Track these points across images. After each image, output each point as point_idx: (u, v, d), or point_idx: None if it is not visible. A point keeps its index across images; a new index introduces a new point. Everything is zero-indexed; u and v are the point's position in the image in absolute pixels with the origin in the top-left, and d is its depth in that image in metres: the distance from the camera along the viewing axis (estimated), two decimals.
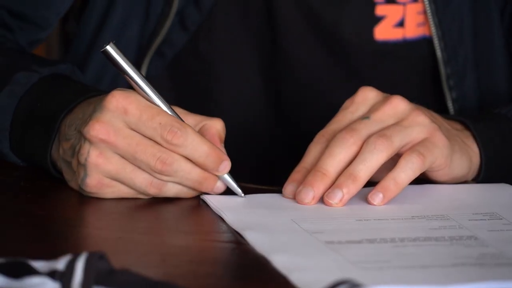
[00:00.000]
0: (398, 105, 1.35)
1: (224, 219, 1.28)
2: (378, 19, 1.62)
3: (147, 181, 1.31)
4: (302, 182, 1.33)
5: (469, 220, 1.32)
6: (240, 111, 1.47)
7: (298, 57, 1.68)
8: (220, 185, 1.33)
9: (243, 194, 1.35)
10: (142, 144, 1.30)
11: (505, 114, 1.53)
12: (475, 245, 1.21)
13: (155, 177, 1.31)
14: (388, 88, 1.53)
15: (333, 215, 1.33)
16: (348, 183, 1.29)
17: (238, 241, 1.22)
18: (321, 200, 1.34)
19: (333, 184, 1.31)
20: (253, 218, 1.29)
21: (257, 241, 1.20)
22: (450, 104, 1.66)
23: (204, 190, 1.32)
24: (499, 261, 1.16)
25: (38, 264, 1.04)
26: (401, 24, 1.62)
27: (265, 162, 1.68)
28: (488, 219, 1.32)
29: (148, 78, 1.48)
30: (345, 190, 1.30)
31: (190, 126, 1.31)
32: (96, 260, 1.02)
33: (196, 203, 1.35)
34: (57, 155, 1.36)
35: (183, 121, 1.31)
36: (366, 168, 1.31)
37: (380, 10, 1.61)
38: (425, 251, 1.20)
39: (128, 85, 1.33)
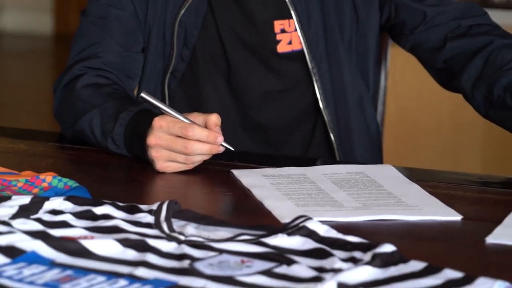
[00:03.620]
0: None
1: (242, 181, 1.29)
2: (278, 41, 1.53)
3: (184, 159, 1.30)
4: None
5: (367, 185, 1.27)
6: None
7: (242, 69, 1.55)
8: (221, 148, 1.30)
9: (233, 149, 1.33)
10: (174, 141, 1.29)
11: None
12: (369, 197, 1.21)
13: (187, 155, 1.30)
14: (287, 76, 1.55)
15: (297, 182, 1.28)
16: None
17: (248, 194, 1.25)
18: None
19: None
20: (256, 181, 1.28)
21: (258, 193, 1.23)
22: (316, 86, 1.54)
23: (215, 153, 1.31)
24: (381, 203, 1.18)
25: (143, 206, 1.09)
26: (290, 43, 1.52)
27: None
28: (375, 188, 1.26)
29: (171, 103, 1.52)
30: None
31: (196, 124, 1.30)
32: (173, 204, 1.07)
33: (227, 173, 1.33)
34: None
35: (192, 122, 1.30)
36: None
37: (278, 36, 1.52)
38: (342, 200, 1.20)
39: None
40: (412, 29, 1.51)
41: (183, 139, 1.30)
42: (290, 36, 1.53)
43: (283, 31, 1.53)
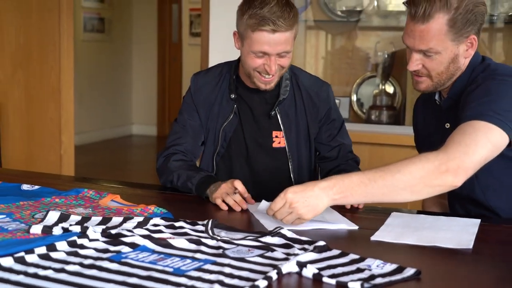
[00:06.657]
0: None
1: (250, 210, 1.23)
2: (273, 141, 1.45)
3: (227, 200, 1.26)
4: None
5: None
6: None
7: (254, 153, 1.47)
8: (245, 206, 1.24)
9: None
10: (225, 189, 1.27)
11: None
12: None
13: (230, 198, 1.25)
14: (276, 159, 1.44)
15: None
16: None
17: (252, 216, 1.20)
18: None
19: None
20: (255, 209, 1.22)
21: (257, 215, 1.18)
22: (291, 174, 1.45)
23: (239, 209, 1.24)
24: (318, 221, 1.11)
25: (199, 222, 1.05)
26: (279, 142, 1.45)
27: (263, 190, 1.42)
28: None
29: (216, 171, 1.45)
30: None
31: (238, 181, 1.26)
32: (214, 220, 1.05)
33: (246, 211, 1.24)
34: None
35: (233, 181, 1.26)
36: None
37: (274, 139, 1.45)
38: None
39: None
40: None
41: (228, 192, 1.27)
42: (280, 139, 1.46)
43: (276, 136, 1.46)
